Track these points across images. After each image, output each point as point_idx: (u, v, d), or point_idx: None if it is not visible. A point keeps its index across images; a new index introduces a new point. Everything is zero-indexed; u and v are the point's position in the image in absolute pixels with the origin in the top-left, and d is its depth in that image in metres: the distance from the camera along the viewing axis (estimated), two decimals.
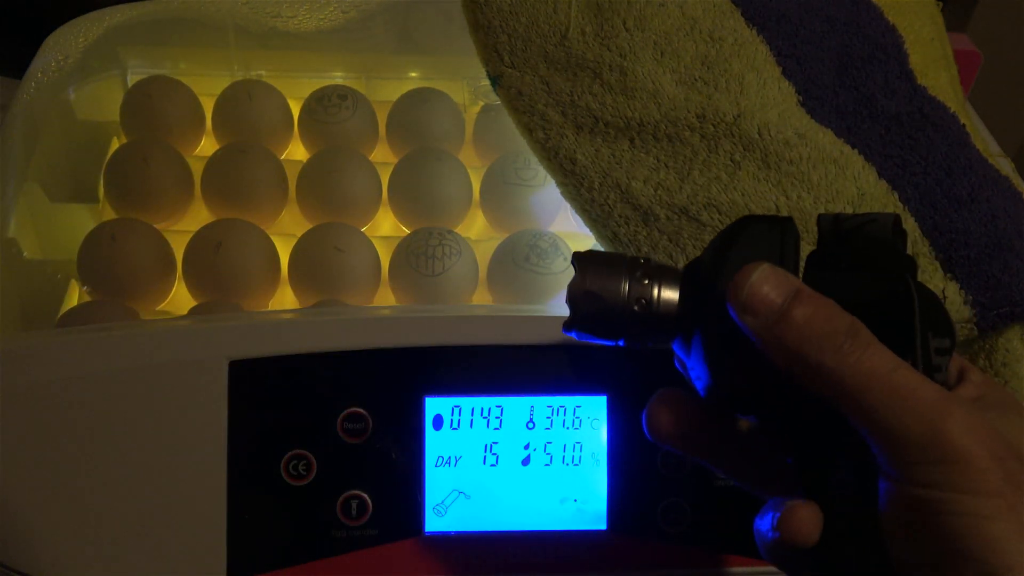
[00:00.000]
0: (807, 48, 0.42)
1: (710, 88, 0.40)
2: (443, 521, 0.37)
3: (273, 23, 0.58)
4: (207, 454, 0.36)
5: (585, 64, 0.42)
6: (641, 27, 0.42)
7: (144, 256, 0.46)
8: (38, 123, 0.51)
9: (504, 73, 0.43)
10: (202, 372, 0.36)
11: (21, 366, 0.35)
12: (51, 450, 0.35)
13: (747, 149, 0.39)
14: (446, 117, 0.55)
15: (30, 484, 0.35)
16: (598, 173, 0.40)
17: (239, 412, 0.36)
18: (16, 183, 0.47)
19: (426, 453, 0.37)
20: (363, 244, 0.47)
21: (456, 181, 0.51)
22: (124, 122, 0.54)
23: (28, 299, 0.46)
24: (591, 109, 0.41)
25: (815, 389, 0.25)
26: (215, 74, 0.58)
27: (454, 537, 0.37)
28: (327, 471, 0.36)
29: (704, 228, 0.38)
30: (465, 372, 0.37)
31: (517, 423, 0.38)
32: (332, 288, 0.46)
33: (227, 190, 0.50)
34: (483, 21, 0.44)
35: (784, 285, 0.26)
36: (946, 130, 0.41)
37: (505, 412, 0.38)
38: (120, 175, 0.49)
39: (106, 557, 0.35)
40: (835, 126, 0.40)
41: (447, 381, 0.37)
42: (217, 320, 0.40)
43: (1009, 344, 0.37)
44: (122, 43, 0.56)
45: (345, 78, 0.60)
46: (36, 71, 0.52)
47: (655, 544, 0.38)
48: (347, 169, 0.50)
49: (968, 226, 0.37)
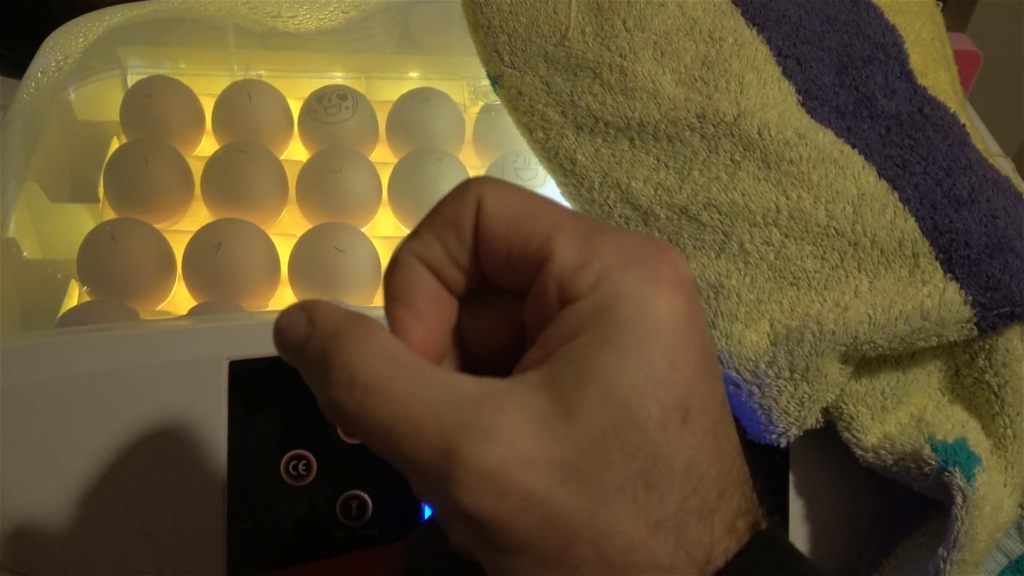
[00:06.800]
0: (807, 48, 0.42)
1: (710, 88, 0.40)
2: None
3: (273, 23, 0.58)
4: (207, 454, 0.36)
5: (585, 64, 0.42)
6: (641, 27, 0.42)
7: (144, 256, 0.46)
8: (38, 123, 0.51)
9: (504, 73, 0.43)
10: (202, 372, 0.36)
11: (21, 366, 0.35)
12: (51, 450, 0.35)
13: (747, 149, 0.39)
14: (446, 117, 0.55)
15: (30, 484, 0.35)
16: (598, 173, 0.40)
17: (239, 412, 0.36)
18: (16, 183, 0.47)
19: None
20: (363, 244, 0.47)
21: (456, 181, 0.51)
22: (124, 122, 0.53)
23: (28, 299, 0.46)
24: (591, 109, 0.41)
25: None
26: (215, 74, 0.58)
27: None
28: (327, 471, 0.36)
29: (704, 228, 0.38)
30: None
31: None
32: (332, 288, 0.46)
33: (227, 190, 0.50)
34: (483, 21, 0.44)
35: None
36: (946, 130, 0.41)
37: None
38: (120, 175, 0.49)
39: (106, 557, 0.35)
40: (835, 126, 0.40)
41: None
42: (217, 320, 0.40)
43: (1009, 344, 0.37)
44: (122, 43, 0.56)
45: (345, 78, 0.60)
46: (36, 71, 0.52)
47: None
48: (347, 169, 0.50)
49: (968, 226, 0.37)
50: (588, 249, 0.22)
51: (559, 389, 0.20)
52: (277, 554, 0.36)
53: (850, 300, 0.36)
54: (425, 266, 0.23)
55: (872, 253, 0.36)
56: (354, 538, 0.37)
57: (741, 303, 0.36)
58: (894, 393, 0.38)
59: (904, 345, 0.36)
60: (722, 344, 0.36)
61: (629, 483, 0.20)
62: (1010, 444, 0.37)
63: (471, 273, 0.24)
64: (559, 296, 0.22)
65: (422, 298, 0.23)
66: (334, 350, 0.21)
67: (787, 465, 0.39)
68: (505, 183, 0.23)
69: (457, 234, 0.23)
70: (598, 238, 0.22)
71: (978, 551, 0.34)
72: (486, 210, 0.22)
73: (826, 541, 0.39)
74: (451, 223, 0.23)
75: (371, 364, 0.21)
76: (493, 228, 0.22)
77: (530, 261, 0.22)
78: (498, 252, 0.23)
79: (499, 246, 0.22)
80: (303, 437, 0.36)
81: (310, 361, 0.22)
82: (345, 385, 0.21)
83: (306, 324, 0.22)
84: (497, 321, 0.24)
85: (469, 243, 0.23)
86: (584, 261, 0.21)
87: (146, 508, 0.35)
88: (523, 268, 0.22)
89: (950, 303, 0.35)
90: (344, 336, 0.21)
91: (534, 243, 0.22)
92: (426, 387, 0.21)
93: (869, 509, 0.39)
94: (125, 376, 0.35)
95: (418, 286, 0.23)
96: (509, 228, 0.22)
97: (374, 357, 0.21)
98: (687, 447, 0.21)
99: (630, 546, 0.20)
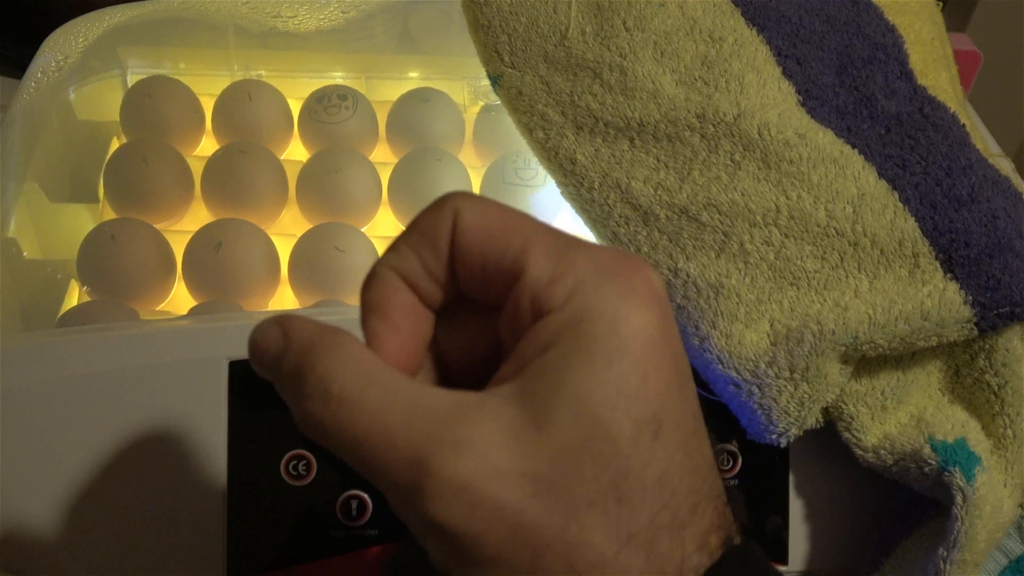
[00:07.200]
0: (807, 48, 0.42)
1: (710, 88, 0.40)
2: None
3: (273, 23, 0.58)
4: (207, 454, 0.36)
5: (585, 64, 0.42)
6: (641, 27, 0.42)
7: (144, 256, 0.46)
8: (38, 123, 0.51)
9: (504, 73, 0.43)
10: (202, 372, 0.36)
11: (21, 366, 0.35)
12: (51, 450, 0.35)
13: (747, 149, 0.39)
14: (446, 117, 0.55)
15: (29, 484, 0.35)
16: (598, 173, 0.40)
17: (239, 412, 0.36)
18: (16, 183, 0.47)
19: None
20: (363, 244, 0.47)
21: (456, 181, 0.51)
22: (124, 122, 0.53)
23: (28, 299, 0.46)
24: (591, 109, 0.41)
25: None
26: (215, 74, 0.58)
27: None
28: (327, 471, 0.36)
29: (704, 228, 0.38)
30: None
31: None
32: (332, 288, 0.46)
33: (227, 190, 0.50)
34: (483, 21, 0.44)
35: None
36: (946, 130, 0.41)
37: None
38: (120, 175, 0.49)
39: (105, 557, 0.35)
40: (835, 126, 0.40)
41: None
42: (217, 320, 0.40)
43: (1009, 344, 0.37)
44: (122, 43, 0.56)
45: (345, 78, 0.60)
46: (36, 71, 0.52)
47: None
48: (347, 169, 0.50)
49: (968, 226, 0.37)
50: (562, 263, 0.22)
51: (531, 402, 0.20)
52: (277, 554, 0.36)
53: (850, 300, 0.36)
54: (401, 279, 0.23)
55: (872, 253, 0.36)
56: (354, 538, 0.37)
57: (741, 303, 0.36)
58: (894, 393, 0.38)
59: (904, 345, 0.36)
60: (722, 344, 0.36)
61: (600, 496, 0.20)
62: (1010, 444, 0.37)
63: (447, 287, 0.24)
64: (532, 309, 0.22)
65: (398, 311, 0.23)
66: (308, 364, 0.21)
67: (787, 465, 0.39)
68: (481, 198, 0.23)
69: (433, 247, 0.23)
70: (571, 252, 0.22)
71: (978, 551, 0.34)
72: (462, 224, 0.22)
73: (826, 541, 0.39)
74: (427, 237, 0.23)
75: (345, 377, 0.21)
76: (469, 242, 0.22)
77: (505, 274, 0.22)
78: (474, 265, 0.23)
79: (475, 259, 0.23)
80: (303, 437, 0.36)
81: (285, 375, 0.22)
82: (319, 398, 0.21)
83: (281, 338, 0.22)
84: (472, 335, 0.24)
85: (445, 256, 0.23)
86: (557, 275, 0.21)
87: (146, 508, 0.35)
88: (498, 282, 0.22)
89: (950, 303, 0.35)
90: (318, 349, 0.21)
91: (509, 256, 0.22)
92: (399, 399, 0.21)
93: (869, 509, 0.39)
94: (125, 376, 0.35)
95: (394, 299, 0.23)
96: (485, 242, 0.22)
97: (348, 370, 0.21)
98: (659, 461, 0.20)
99: (600, 560, 0.20)
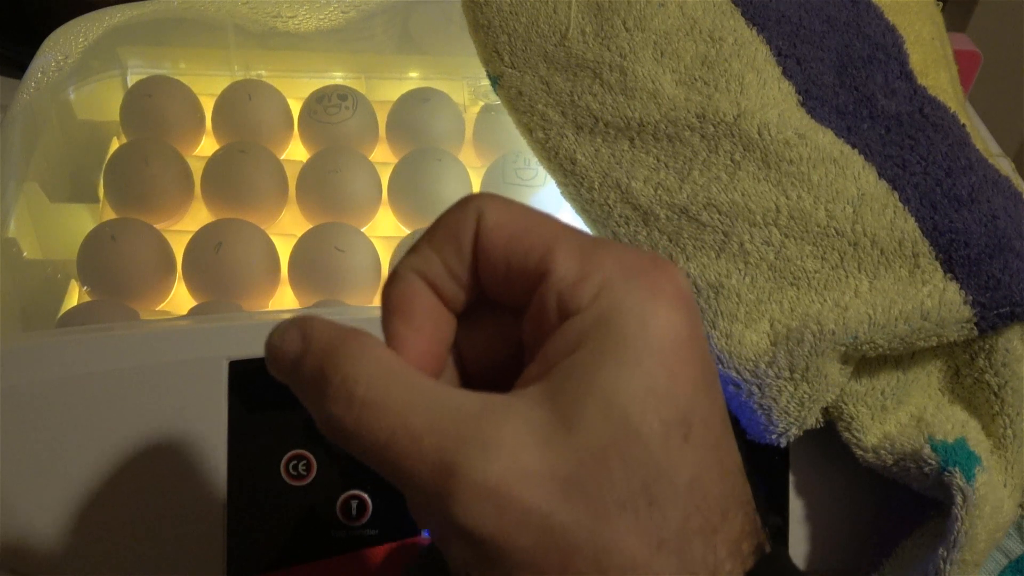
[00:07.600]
0: (807, 48, 0.42)
1: (710, 88, 0.40)
2: None
3: (273, 23, 0.58)
4: (207, 454, 0.36)
5: (585, 64, 0.42)
6: (641, 27, 0.42)
7: (144, 256, 0.46)
8: (38, 123, 0.51)
9: (504, 73, 0.43)
10: (202, 372, 0.36)
11: (21, 366, 0.35)
12: (51, 450, 0.35)
13: (747, 149, 0.39)
14: (446, 117, 0.55)
15: (30, 484, 0.35)
16: (598, 173, 0.40)
17: (239, 412, 0.36)
18: (16, 183, 0.47)
19: None
20: (363, 244, 0.47)
21: (456, 181, 0.51)
22: (124, 122, 0.53)
23: (28, 299, 0.46)
24: (591, 109, 0.41)
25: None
26: (215, 74, 0.58)
27: None
28: (327, 471, 0.36)
29: (704, 228, 0.38)
30: None
31: None
32: (332, 288, 0.46)
33: (227, 190, 0.50)
34: (483, 21, 0.44)
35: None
36: (946, 130, 0.41)
37: None
38: (120, 175, 0.49)
39: (106, 557, 0.35)
40: (835, 126, 0.40)
41: None
42: (217, 320, 0.40)
43: (1009, 344, 0.37)
44: (122, 43, 0.56)
45: (345, 78, 0.60)
46: (36, 71, 0.52)
47: None
48: (347, 169, 0.50)
49: (968, 226, 0.37)
50: (588, 263, 0.21)
51: (560, 403, 0.20)
52: (277, 554, 0.36)
53: (850, 300, 0.36)
54: (424, 281, 0.23)
55: (872, 253, 0.36)
56: (354, 538, 0.37)
57: (741, 303, 0.36)
58: (894, 393, 0.38)
59: (904, 345, 0.36)
60: (722, 344, 0.36)
61: (631, 499, 0.19)
62: (1010, 444, 0.37)
63: (470, 289, 0.23)
64: (559, 310, 0.21)
65: (420, 312, 0.23)
66: (331, 366, 0.21)
67: (787, 465, 0.39)
68: (505, 199, 0.23)
69: (456, 249, 0.23)
70: (598, 252, 0.22)
71: (978, 551, 0.34)
72: (486, 225, 0.22)
73: (826, 541, 0.39)
74: (450, 237, 0.23)
75: (369, 379, 0.21)
76: (492, 243, 0.22)
77: (529, 275, 0.22)
78: (497, 267, 0.22)
79: (498, 261, 0.22)
80: (303, 437, 0.36)
81: (306, 378, 0.22)
82: (343, 401, 0.20)
83: (300, 340, 0.22)
84: (494, 338, 0.24)
85: (468, 258, 0.23)
86: (584, 275, 0.21)
87: (146, 508, 0.35)
88: (522, 283, 0.22)
89: (950, 303, 0.35)
90: (341, 351, 0.21)
91: (533, 257, 0.22)
92: (425, 401, 0.20)
93: (869, 509, 0.39)
94: (125, 376, 0.35)
95: (416, 300, 0.23)
96: (508, 242, 0.22)
97: (372, 372, 0.21)
98: (689, 463, 0.20)
99: (632, 565, 0.19)
